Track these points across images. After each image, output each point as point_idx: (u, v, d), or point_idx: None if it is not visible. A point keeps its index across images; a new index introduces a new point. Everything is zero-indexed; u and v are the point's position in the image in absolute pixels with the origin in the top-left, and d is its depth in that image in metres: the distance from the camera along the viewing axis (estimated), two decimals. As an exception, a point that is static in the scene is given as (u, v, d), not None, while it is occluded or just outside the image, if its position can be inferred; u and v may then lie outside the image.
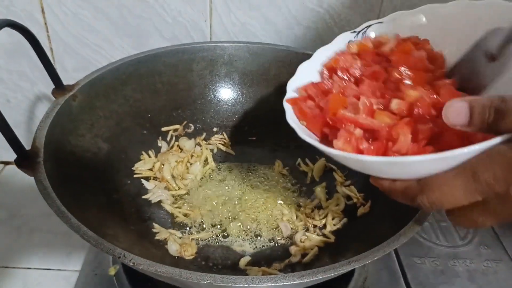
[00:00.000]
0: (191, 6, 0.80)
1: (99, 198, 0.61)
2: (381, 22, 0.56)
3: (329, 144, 0.45)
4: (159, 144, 0.78)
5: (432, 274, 0.68)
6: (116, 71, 0.69)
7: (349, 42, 0.56)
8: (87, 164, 0.62)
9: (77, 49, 0.84)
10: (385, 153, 0.41)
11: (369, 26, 0.57)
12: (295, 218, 0.69)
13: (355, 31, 0.57)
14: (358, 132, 0.43)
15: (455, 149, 0.34)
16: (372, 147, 0.42)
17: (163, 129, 0.78)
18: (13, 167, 0.95)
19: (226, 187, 0.75)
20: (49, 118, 0.57)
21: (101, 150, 0.66)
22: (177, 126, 0.79)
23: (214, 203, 0.71)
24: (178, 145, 0.79)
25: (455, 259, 0.71)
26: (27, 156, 0.51)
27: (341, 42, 0.57)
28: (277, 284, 0.42)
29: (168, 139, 0.79)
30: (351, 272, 0.67)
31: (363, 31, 0.57)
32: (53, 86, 0.62)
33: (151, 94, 0.75)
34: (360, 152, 0.42)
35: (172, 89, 0.77)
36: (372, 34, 0.56)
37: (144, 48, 0.76)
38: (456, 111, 0.37)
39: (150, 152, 0.75)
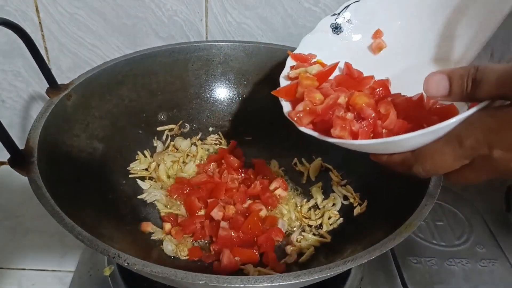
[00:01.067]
0: (187, 6, 0.80)
1: (94, 198, 0.60)
2: (358, 1, 0.59)
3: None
4: (155, 144, 0.77)
5: (428, 274, 0.68)
6: (111, 71, 0.69)
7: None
8: (82, 164, 0.62)
9: (72, 49, 0.84)
10: (375, 130, 0.46)
11: (348, 6, 0.59)
12: (294, 217, 0.69)
13: (335, 14, 0.60)
14: (350, 115, 0.47)
15: (442, 122, 0.38)
16: (364, 127, 0.46)
17: (159, 129, 0.78)
18: (8, 167, 0.94)
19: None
20: (43, 117, 0.56)
21: (96, 150, 0.65)
22: (172, 126, 0.79)
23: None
24: (173, 145, 0.79)
25: (451, 259, 0.71)
26: (20, 156, 0.50)
27: (323, 26, 0.60)
28: (273, 284, 0.41)
29: (163, 139, 0.79)
30: (347, 272, 0.67)
31: (342, 11, 0.60)
32: (48, 86, 0.61)
33: (146, 93, 0.75)
34: (355, 133, 0.45)
35: (167, 89, 0.77)
36: (347, 15, 0.60)
37: (140, 47, 0.76)
38: (436, 83, 0.40)
39: (145, 152, 0.75)
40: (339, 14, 0.60)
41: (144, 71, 0.73)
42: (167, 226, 0.65)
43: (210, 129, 0.82)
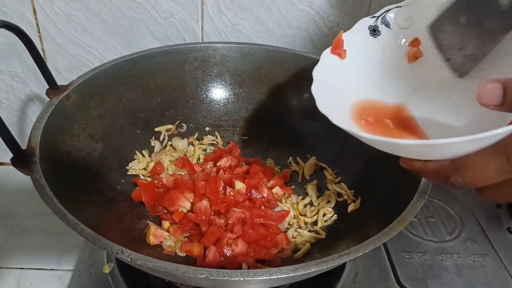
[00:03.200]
0: (183, 7, 0.81)
1: (94, 197, 0.61)
2: (400, 6, 0.58)
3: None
4: (152, 144, 0.78)
5: (421, 269, 0.70)
6: (109, 71, 0.70)
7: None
8: (82, 164, 0.63)
9: (69, 50, 0.84)
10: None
11: (388, 10, 0.58)
12: (293, 214, 0.70)
13: (374, 16, 0.59)
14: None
15: (490, 131, 0.35)
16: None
17: (156, 129, 0.79)
18: (4, 167, 0.95)
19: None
20: (44, 118, 0.57)
21: (95, 150, 0.66)
22: (170, 126, 0.80)
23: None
24: (171, 145, 0.80)
25: (443, 254, 0.73)
26: (23, 156, 0.51)
27: (362, 27, 0.59)
28: (272, 277, 0.43)
29: (161, 138, 0.80)
30: (342, 268, 0.69)
31: (382, 15, 0.58)
32: (45, 87, 0.62)
33: (144, 94, 0.76)
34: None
35: (165, 89, 0.78)
36: (387, 19, 0.58)
37: (137, 49, 0.77)
38: (489, 91, 0.38)
39: (144, 151, 0.76)
40: (378, 17, 0.58)
41: (141, 72, 0.74)
42: (166, 224, 0.66)
43: (207, 129, 0.83)
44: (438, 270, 0.70)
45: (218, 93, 0.82)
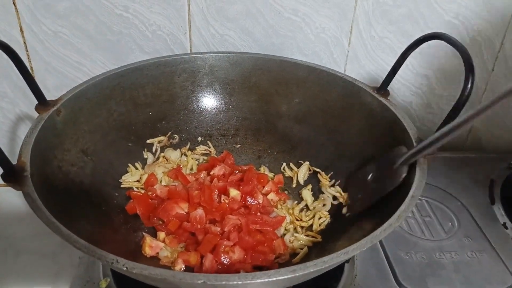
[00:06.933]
0: (170, 20, 0.82)
1: (88, 210, 0.61)
2: None
3: None
4: (145, 156, 0.78)
5: (419, 268, 0.70)
6: (99, 85, 0.70)
7: None
8: (74, 178, 0.62)
9: (57, 67, 0.84)
10: None
11: None
12: (289, 220, 0.70)
13: None
14: None
15: None
16: None
17: (148, 141, 0.79)
18: (-4, 189, 0.94)
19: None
20: (34, 133, 0.57)
21: (87, 164, 0.66)
22: (162, 138, 0.80)
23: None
24: (164, 156, 0.79)
25: (441, 252, 0.73)
26: (13, 171, 0.51)
27: None
28: (270, 279, 0.42)
29: (153, 150, 0.79)
30: (341, 271, 0.69)
31: None
32: (35, 105, 0.62)
33: (134, 107, 0.76)
34: None
35: (155, 101, 0.78)
36: None
37: (125, 63, 0.77)
38: None
39: (137, 164, 0.76)
40: None
41: (131, 85, 0.74)
42: (161, 235, 0.65)
43: (199, 138, 0.83)
44: (437, 268, 0.70)
45: (209, 102, 0.83)
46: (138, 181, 0.74)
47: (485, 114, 0.45)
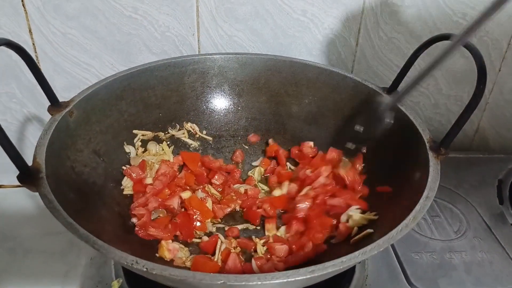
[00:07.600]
0: (179, 22, 0.82)
1: (100, 211, 0.61)
2: None
3: None
4: (127, 150, 0.75)
5: (431, 269, 0.70)
6: (110, 86, 0.70)
7: None
8: (87, 178, 0.62)
9: (66, 68, 0.84)
10: None
11: None
12: None
13: None
14: None
15: None
16: None
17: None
18: (3, 190, 0.93)
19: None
20: (48, 134, 0.57)
21: (99, 164, 0.66)
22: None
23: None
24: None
25: (451, 252, 0.73)
26: (29, 172, 0.51)
27: None
28: (289, 279, 0.42)
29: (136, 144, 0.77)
30: (352, 272, 0.69)
31: None
32: (43, 107, 0.63)
33: (145, 107, 0.76)
34: None
35: (165, 102, 0.78)
36: None
37: (134, 64, 0.77)
38: None
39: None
40: None
41: (141, 86, 0.75)
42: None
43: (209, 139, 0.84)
44: (448, 268, 0.70)
45: (218, 103, 0.83)
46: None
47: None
